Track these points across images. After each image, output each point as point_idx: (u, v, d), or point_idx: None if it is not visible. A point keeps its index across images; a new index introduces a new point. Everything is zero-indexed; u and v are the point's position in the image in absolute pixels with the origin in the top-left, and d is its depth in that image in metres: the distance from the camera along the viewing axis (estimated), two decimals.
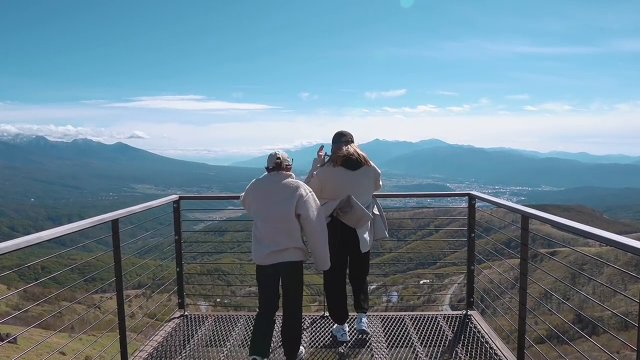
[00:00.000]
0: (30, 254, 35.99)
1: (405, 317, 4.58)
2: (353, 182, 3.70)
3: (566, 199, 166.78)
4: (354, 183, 3.70)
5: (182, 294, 4.82)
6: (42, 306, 18.00)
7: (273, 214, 3.21)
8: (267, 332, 3.34)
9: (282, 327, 3.40)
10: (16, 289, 21.72)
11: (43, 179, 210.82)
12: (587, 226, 2.61)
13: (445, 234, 49.19)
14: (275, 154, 3.34)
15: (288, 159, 3.38)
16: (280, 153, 3.37)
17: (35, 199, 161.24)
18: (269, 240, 3.20)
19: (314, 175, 3.78)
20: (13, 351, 8.29)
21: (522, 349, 3.44)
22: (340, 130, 3.90)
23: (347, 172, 3.69)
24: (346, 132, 3.89)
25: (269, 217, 3.22)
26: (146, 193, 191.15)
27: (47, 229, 2.73)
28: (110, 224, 3.39)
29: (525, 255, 3.41)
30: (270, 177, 3.31)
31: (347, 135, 3.87)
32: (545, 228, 26.48)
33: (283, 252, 3.20)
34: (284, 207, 3.18)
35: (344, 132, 3.89)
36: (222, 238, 27.25)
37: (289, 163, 3.36)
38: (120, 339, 3.50)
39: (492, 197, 4.40)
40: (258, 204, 3.29)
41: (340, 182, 3.68)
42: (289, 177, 3.30)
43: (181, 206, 4.70)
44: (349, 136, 3.87)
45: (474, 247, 4.60)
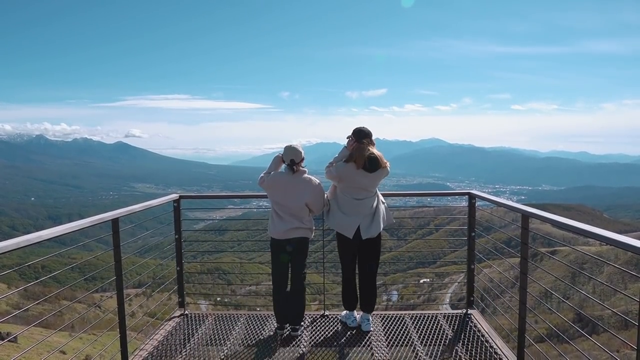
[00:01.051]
0: (31, 253, 35.98)
1: (406, 316, 4.59)
2: (368, 182, 3.96)
3: (566, 198, 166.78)
4: (369, 183, 3.97)
5: (182, 293, 4.82)
6: (42, 305, 18.00)
7: (290, 204, 3.97)
8: (285, 302, 4.13)
9: (290, 291, 4.12)
10: (16, 288, 21.73)
11: (43, 178, 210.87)
12: (587, 225, 2.60)
13: (446, 233, 49.20)
14: (292, 149, 3.93)
15: (302, 153, 3.99)
16: (296, 148, 3.95)
17: (36, 198, 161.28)
18: (286, 222, 3.97)
19: (334, 165, 4.04)
20: (13, 350, 8.29)
21: (522, 348, 3.44)
22: (362, 128, 3.99)
23: (365, 174, 3.91)
24: (368, 131, 3.99)
25: (287, 206, 3.98)
26: (146, 192, 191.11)
27: (47, 228, 2.73)
28: (111, 223, 3.40)
29: (525, 254, 3.41)
30: (287, 174, 3.97)
31: (369, 135, 3.98)
32: (545, 227, 26.49)
33: (295, 230, 3.99)
34: (299, 200, 3.95)
35: (366, 130, 3.99)
36: (222, 237, 27.30)
37: (302, 158, 3.99)
38: (120, 338, 3.50)
39: (492, 196, 4.40)
40: (278, 195, 4.00)
41: (357, 182, 3.95)
42: (303, 174, 3.98)
43: (181, 205, 4.70)
44: (370, 136, 3.98)
45: (474, 246, 4.60)
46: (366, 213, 3.97)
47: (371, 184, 3.98)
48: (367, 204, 3.97)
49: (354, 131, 3.99)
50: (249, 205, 14.44)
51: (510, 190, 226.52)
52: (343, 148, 4.10)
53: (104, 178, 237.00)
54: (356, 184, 3.95)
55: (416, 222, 55.11)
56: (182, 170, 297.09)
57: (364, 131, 3.96)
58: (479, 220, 4.74)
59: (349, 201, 3.98)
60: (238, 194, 6.00)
